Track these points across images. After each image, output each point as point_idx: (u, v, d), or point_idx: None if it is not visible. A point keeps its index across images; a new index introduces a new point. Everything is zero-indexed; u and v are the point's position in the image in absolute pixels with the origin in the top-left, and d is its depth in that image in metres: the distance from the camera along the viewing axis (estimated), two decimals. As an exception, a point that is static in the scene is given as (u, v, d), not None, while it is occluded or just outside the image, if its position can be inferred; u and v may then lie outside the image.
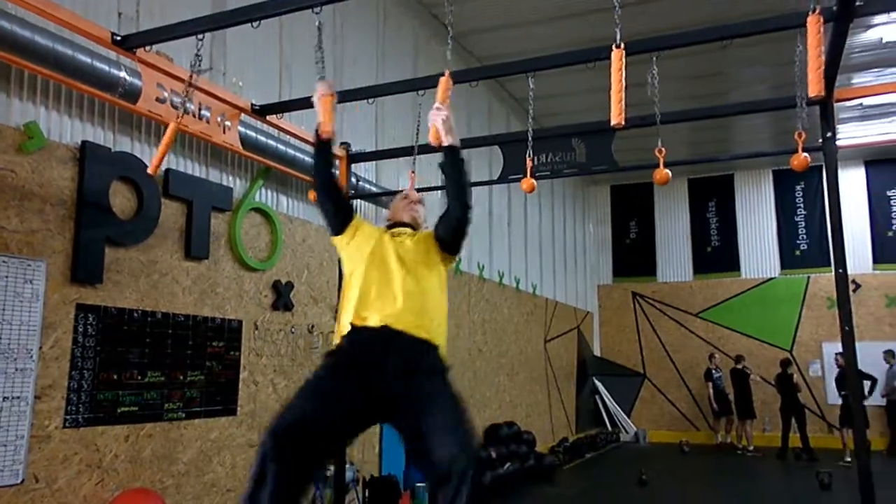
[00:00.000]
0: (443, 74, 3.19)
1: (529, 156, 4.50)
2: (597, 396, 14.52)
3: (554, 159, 5.38)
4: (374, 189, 6.91)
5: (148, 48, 3.82)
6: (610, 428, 14.16)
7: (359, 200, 6.90)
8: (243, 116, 4.90)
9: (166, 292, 4.81)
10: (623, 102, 3.14)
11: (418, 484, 6.98)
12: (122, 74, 4.22)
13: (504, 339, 10.34)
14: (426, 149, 5.32)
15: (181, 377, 4.88)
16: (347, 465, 5.46)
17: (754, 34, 3.66)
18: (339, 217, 3.05)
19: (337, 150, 5.61)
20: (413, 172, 4.85)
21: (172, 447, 4.75)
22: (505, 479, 8.39)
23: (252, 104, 4.65)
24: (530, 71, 4.14)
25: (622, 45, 3.07)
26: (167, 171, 4.87)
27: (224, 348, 5.25)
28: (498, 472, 8.37)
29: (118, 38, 3.63)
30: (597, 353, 15.37)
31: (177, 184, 4.91)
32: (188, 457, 4.87)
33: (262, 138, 5.43)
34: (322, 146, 3.04)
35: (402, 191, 3.52)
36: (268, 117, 4.77)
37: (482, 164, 9.57)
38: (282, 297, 5.85)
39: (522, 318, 11.23)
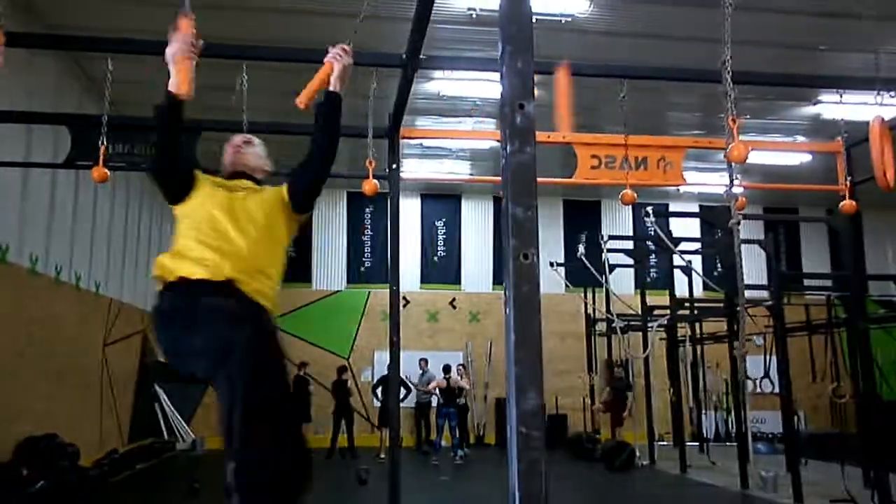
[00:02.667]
0: None
1: (103, 143, 4.15)
2: (156, 404, 13.82)
3: (132, 151, 5.05)
4: None
5: None
6: (167, 436, 13.58)
7: None
8: None
9: None
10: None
11: None
12: None
13: (54, 342, 9.19)
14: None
15: None
16: None
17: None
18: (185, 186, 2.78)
19: None
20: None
21: None
22: (37, 497, 7.44)
23: None
24: (111, 52, 3.83)
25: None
26: None
27: None
28: (29, 491, 7.39)
29: None
30: (162, 358, 14.65)
31: None
32: None
33: None
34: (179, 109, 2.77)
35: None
36: None
37: (46, 144, 8.46)
38: None
39: (78, 319, 10.14)
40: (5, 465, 7.67)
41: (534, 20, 1.41)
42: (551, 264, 12.63)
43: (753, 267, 13.73)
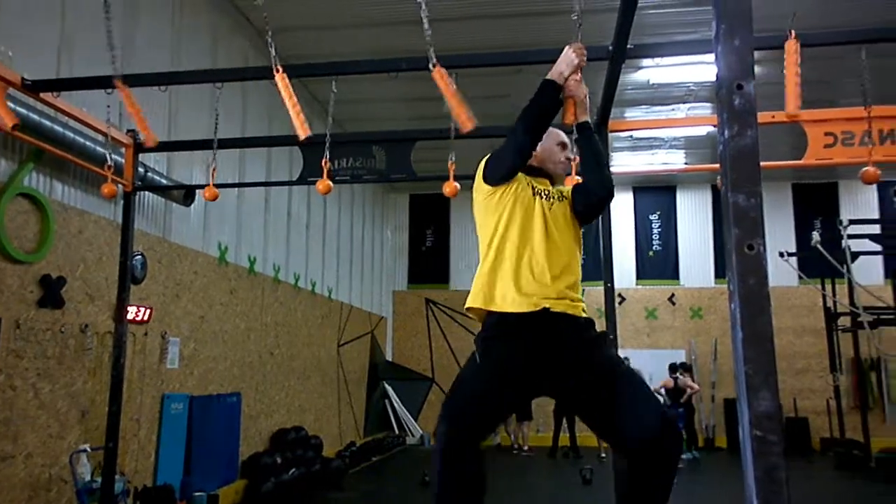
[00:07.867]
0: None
1: (326, 158, 4.52)
2: (386, 400, 14.77)
3: (354, 164, 5.43)
4: (164, 181, 6.51)
5: None
6: (397, 431, 14.46)
7: (146, 193, 6.46)
8: (12, 91, 4.40)
9: None
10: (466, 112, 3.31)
11: (196, 493, 6.66)
12: None
13: (297, 343, 10.19)
14: (226, 143, 5.15)
15: (-82, 381, 4.27)
16: (116, 476, 5.08)
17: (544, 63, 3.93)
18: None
19: (123, 136, 5.24)
20: (214, 168, 4.70)
21: None
22: (290, 484, 8.26)
23: (23, 78, 4.20)
24: (335, 74, 4.16)
25: (436, 64, 3.15)
26: (-87, 144, 4.25)
27: (-25, 348, 4.67)
28: (282, 478, 8.22)
29: None
30: (389, 357, 15.63)
31: (-76, 160, 4.31)
32: (-77, 472, 4.26)
33: (35, 117, 4.92)
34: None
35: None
36: (42, 94, 4.34)
37: (282, 164, 9.40)
38: (51, 293, 5.32)
39: (317, 322, 11.14)
40: (263, 452, 8.62)
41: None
42: (781, 254, 11.61)
43: None
